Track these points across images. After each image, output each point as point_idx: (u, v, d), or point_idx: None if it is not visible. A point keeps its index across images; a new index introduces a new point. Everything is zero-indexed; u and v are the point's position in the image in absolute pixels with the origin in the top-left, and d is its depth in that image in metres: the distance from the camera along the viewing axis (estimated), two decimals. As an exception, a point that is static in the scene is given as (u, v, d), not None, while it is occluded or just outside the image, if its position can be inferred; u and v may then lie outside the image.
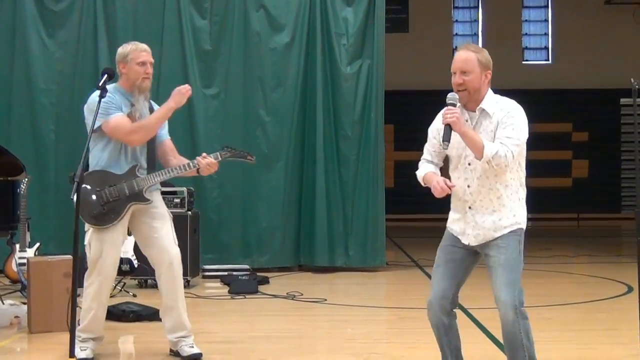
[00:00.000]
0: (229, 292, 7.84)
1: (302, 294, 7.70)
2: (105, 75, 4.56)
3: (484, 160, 3.74)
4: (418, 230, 16.63)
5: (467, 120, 3.95)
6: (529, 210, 4.03)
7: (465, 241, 4.06)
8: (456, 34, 19.96)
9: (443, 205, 4.44)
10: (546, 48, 20.08)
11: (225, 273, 8.75)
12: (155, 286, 5.33)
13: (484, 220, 3.92)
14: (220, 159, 4.95)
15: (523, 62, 19.90)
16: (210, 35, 9.55)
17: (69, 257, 5.45)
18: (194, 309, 6.34)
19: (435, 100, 22.81)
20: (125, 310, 6.20)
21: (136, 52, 4.86)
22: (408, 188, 18.92)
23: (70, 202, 4.18)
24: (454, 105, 3.89)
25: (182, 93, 4.89)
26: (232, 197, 9.49)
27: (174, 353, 5.04)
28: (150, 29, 9.38)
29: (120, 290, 7.46)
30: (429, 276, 9.18)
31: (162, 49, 9.24)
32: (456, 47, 19.79)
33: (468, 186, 3.97)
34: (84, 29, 9.37)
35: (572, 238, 15.00)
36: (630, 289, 7.88)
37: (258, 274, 8.84)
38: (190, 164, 4.91)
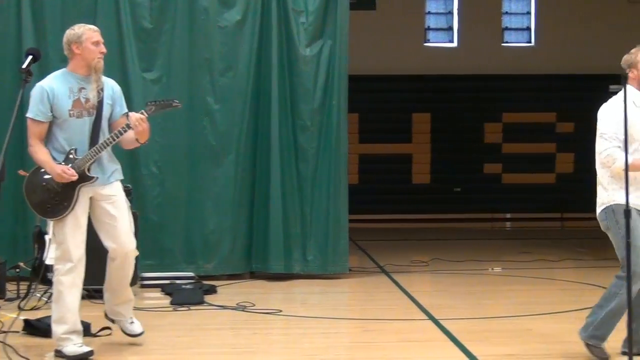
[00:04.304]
0: (171, 303, 7.81)
1: (254, 305, 7.70)
2: (30, 57, 4.73)
3: None
4: (385, 232, 16.73)
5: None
6: (506, 209, 4.12)
7: None
8: (429, 12, 20.03)
9: (412, 204, 4.46)
10: (528, 29, 20.28)
11: (167, 282, 8.71)
12: (85, 297, 5.39)
13: None
14: (146, 115, 5.56)
15: (503, 45, 20.06)
16: (150, 11, 9.47)
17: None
18: (131, 322, 6.30)
19: (405, 87, 23.03)
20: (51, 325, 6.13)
21: (90, 32, 5.58)
22: (374, 185, 19.26)
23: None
24: None
25: (62, 177, 5.44)
26: (175, 195, 9.44)
27: (110, 320, 6.07)
28: (81, 4, 9.28)
29: (46, 302, 7.38)
30: (397, 283, 9.28)
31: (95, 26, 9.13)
32: (429, 26, 19.92)
33: None
34: (5, 5, 9.23)
35: (556, 240, 15.18)
36: (618, 297, 8.01)
37: (204, 282, 8.82)
38: (123, 128, 5.54)
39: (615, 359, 5.50)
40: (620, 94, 5.32)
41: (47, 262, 7.46)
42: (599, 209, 5.46)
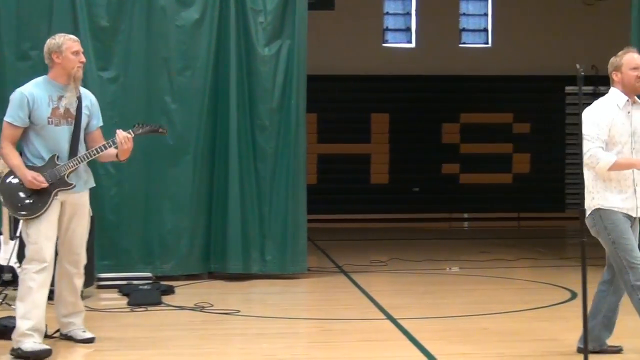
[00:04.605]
0: (128, 303, 7.76)
1: (212, 305, 7.67)
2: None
3: None
4: (344, 232, 16.76)
5: (629, 112, 5.37)
6: (464, 209, 4.17)
7: (634, 214, 5.34)
8: (387, 12, 20.10)
9: (370, 204, 4.49)
10: (485, 30, 20.44)
11: (124, 282, 8.67)
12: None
13: None
14: (133, 135, 5.83)
15: (460, 45, 20.20)
16: (107, 9, 9.40)
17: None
18: (87, 323, 6.26)
19: (364, 87, 23.10)
20: (8, 326, 6.06)
21: (70, 42, 5.77)
22: (333, 185, 19.29)
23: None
24: None
25: (33, 184, 5.61)
26: (133, 195, 9.38)
27: (64, 336, 6.08)
28: (37, 2, 9.18)
29: (1, 303, 7.30)
30: (355, 283, 9.31)
31: (51, 25, 9.02)
32: (387, 27, 19.99)
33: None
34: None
35: (513, 240, 15.33)
36: (574, 295, 8.13)
37: (162, 282, 8.78)
38: (108, 142, 5.81)
39: (572, 357, 5.57)
40: (607, 96, 5.41)
41: (3, 263, 7.39)
42: (586, 214, 5.40)
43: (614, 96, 5.42)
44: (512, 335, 6.44)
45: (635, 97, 5.40)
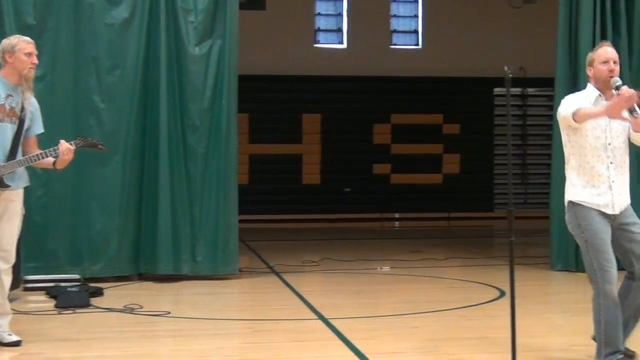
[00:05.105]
0: (56, 306, 7.66)
1: (142, 307, 7.61)
2: None
3: None
4: (275, 232, 16.75)
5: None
6: (395, 209, 4.19)
7: (610, 211, 5.11)
8: (318, 13, 20.14)
9: (302, 204, 4.49)
10: (416, 32, 20.64)
11: (52, 284, 8.54)
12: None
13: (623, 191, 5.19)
14: (74, 147, 5.95)
15: (391, 47, 20.36)
16: (34, 6, 9.24)
17: None
18: (13, 327, 6.15)
19: (296, 88, 23.13)
20: None
21: (23, 44, 5.97)
22: (264, 185, 19.27)
23: None
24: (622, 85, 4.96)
25: None
26: (61, 196, 9.24)
27: None
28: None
29: None
30: (287, 283, 9.31)
31: (-25, 22, 8.87)
32: (318, 28, 20.04)
33: (611, 162, 5.12)
34: None
35: (443, 239, 15.52)
36: (502, 294, 8.26)
37: (90, 284, 8.67)
38: (49, 151, 5.90)
39: (501, 354, 5.66)
40: (584, 91, 5.20)
41: None
42: (565, 209, 5.26)
43: (587, 91, 5.21)
44: (443, 334, 6.52)
45: (613, 92, 5.05)
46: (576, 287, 9.23)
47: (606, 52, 5.16)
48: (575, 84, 9.20)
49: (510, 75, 4.95)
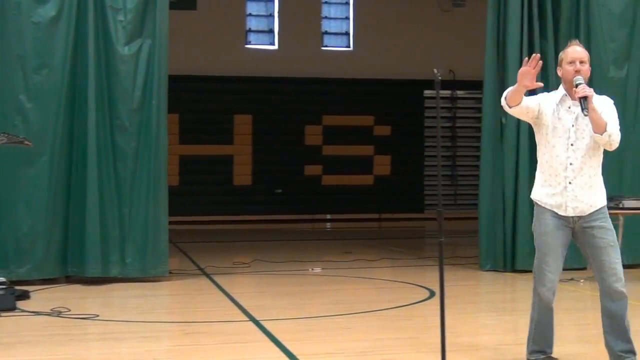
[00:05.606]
0: (-19, 310, 7.50)
1: (69, 310, 7.49)
2: None
3: (606, 135, 4.78)
4: (206, 233, 16.67)
5: (569, 107, 5.00)
6: (327, 210, 4.20)
7: (563, 213, 5.02)
8: (250, 13, 20.14)
9: (233, 205, 4.48)
10: (347, 34, 20.76)
11: (-24, 287, 8.36)
12: None
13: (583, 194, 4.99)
14: None
15: (322, 48, 20.46)
16: (-43, 3, 9.06)
17: None
18: None
19: (227, 88, 23.05)
20: None
21: None
22: (195, 186, 19.16)
23: None
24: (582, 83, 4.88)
25: None
26: (-15, 197, 9.06)
27: None
28: None
29: None
30: (218, 285, 9.27)
31: None
32: (250, 28, 20.01)
33: (570, 164, 4.98)
34: None
35: (374, 240, 15.64)
36: (432, 294, 8.35)
37: (16, 287, 8.50)
38: None
39: (431, 354, 5.72)
40: (557, 90, 5.09)
41: None
42: None
43: (556, 91, 5.10)
44: (374, 334, 6.56)
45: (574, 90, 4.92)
46: (504, 287, 9.39)
47: (574, 51, 5.02)
48: (503, 87, 9.35)
49: (440, 78, 5.00)
